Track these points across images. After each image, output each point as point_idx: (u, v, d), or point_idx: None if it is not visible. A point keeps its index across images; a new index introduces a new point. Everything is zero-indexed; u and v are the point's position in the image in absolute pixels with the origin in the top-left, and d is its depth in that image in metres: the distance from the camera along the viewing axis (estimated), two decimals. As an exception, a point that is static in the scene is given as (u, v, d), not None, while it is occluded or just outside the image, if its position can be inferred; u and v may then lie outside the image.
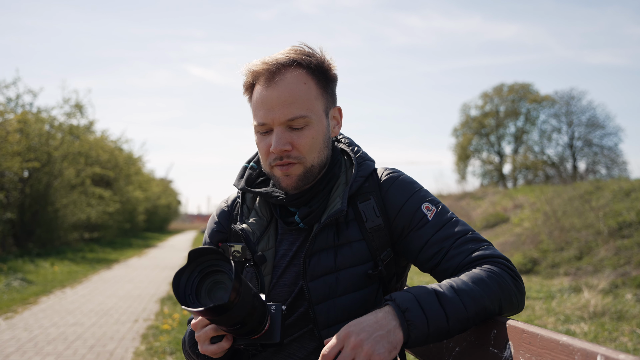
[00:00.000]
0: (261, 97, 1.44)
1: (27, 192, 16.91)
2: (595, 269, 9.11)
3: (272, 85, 1.43)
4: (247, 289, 1.19)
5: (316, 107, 1.46)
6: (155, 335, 6.23)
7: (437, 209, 1.47)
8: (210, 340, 1.33)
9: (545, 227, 11.89)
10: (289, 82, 1.42)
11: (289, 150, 1.43)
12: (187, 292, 1.18)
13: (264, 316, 1.28)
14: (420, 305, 1.24)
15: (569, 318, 6.35)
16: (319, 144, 1.46)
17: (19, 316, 7.50)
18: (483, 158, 42.77)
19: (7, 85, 16.56)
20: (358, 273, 1.45)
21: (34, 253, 15.70)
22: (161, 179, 49.71)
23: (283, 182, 1.47)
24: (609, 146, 37.91)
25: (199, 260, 1.19)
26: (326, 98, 1.49)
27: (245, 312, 1.20)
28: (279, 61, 1.43)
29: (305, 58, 1.45)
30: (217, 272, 1.19)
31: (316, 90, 1.46)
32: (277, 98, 1.41)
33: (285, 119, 1.42)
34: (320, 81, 1.47)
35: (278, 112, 1.41)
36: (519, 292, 1.35)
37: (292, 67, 1.43)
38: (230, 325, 1.22)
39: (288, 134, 1.43)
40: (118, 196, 25.76)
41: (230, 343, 1.32)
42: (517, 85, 41.06)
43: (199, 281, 1.19)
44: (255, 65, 1.46)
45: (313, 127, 1.45)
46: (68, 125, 18.90)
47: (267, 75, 1.43)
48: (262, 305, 1.27)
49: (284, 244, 1.52)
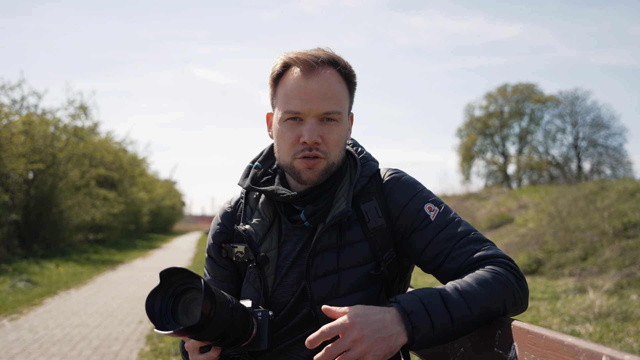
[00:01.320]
0: (299, 86, 1.45)
1: (32, 193, 16.97)
2: (600, 269, 9.08)
3: (312, 77, 1.44)
4: (223, 303, 1.18)
5: (346, 107, 1.50)
6: (160, 336, 6.23)
7: (440, 209, 1.47)
8: (200, 350, 1.34)
9: (550, 227, 11.86)
10: (328, 78, 1.45)
11: (319, 143, 1.44)
12: (162, 312, 1.17)
13: (248, 324, 1.28)
14: (426, 307, 1.24)
15: (574, 319, 6.33)
16: (342, 143, 1.49)
17: (24, 317, 7.52)
18: (487, 158, 42.71)
19: (12, 87, 16.64)
20: (360, 273, 1.45)
21: (38, 254, 15.75)
22: (165, 180, 49.81)
23: (304, 175, 1.46)
24: (614, 146, 37.83)
25: (171, 280, 1.18)
26: (350, 101, 1.54)
27: (223, 326, 1.19)
28: (321, 56, 1.46)
29: (341, 60, 1.49)
30: (191, 289, 1.18)
31: (346, 92, 1.50)
32: (317, 90, 1.43)
33: (323, 112, 1.44)
34: (349, 84, 1.52)
35: (317, 103, 1.43)
36: (523, 291, 1.35)
37: (330, 65, 1.47)
38: (212, 340, 1.22)
39: (320, 127, 1.45)
40: (122, 197, 25.82)
41: (219, 352, 1.33)
42: (521, 85, 40.98)
43: (174, 300, 1.19)
44: (296, 53, 1.47)
45: (341, 125, 1.47)
46: (73, 126, 18.98)
47: (309, 66, 1.45)
48: (245, 315, 1.27)
49: (287, 245, 1.51)
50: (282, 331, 1.49)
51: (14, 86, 16.68)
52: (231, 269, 1.58)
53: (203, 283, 1.13)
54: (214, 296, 1.15)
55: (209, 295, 1.13)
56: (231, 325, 1.21)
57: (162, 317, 1.17)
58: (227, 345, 1.27)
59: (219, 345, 1.27)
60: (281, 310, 1.49)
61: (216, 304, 1.15)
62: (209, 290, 1.14)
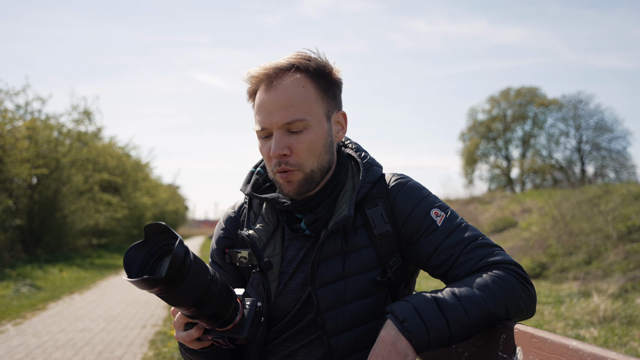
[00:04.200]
0: (260, 101, 1.45)
1: (36, 198, 17.01)
2: (604, 273, 9.05)
3: (270, 90, 1.43)
4: (200, 269, 1.15)
5: (315, 110, 1.44)
6: (163, 341, 6.23)
7: (446, 214, 1.46)
8: (185, 327, 1.32)
9: (554, 231, 11.83)
10: (286, 86, 1.42)
11: (287, 155, 1.42)
12: (141, 268, 1.15)
13: (229, 304, 1.24)
14: (419, 313, 1.25)
15: (579, 323, 6.31)
16: (318, 148, 1.45)
17: (28, 322, 7.53)
18: (490, 162, 42.63)
19: (16, 93, 16.69)
20: (366, 280, 1.44)
21: (42, 259, 15.77)
22: (169, 185, 49.84)
23: (285, 188, 1.46)
24: (617, 150, 37.71)
25: (155, 239, 1.17)
26: (327, 102, 1.48)
27: (196, 293, 1.16)
28: (278, 66, 1.44)
29: (305, 62, 1.45)
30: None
31: (315, 94, 1.45)
32: (275, 102, 1.42)
33: (283, 122, 1.41)
34: (321, 85, 1.46)
35: (276, 115, 1.42)
36: (528, 297, 1.34)
37: (290, 71, 1.44)
38: (185, 306, 1.18)
39: (286, 138, 1.42)
40: (126, 202, 25.85)
41: (200, 333, 1.29)
42: (524, 89, 40.93)
43: (156, 259, 1.17)
44: (255, 70, 1.47)
45: (312, 130, 1.44)
46: (76, 131, 19.02)
47: (267, 80, 1.44)
48: (228, 294, 1.23)
49: (290, 250, 1.51)
50: (285, 336, 1.48)
51: (18, 91, 16.72)
52: (235, 273, 1.58)
53: (178, 241, 1.11)
54: (187, 256, 1.12)
55: (181, 252, 1.10)
56: (207, 296, 1.18)
57: (140, 272, 1.15)
58: (205, 321, 1.24)
59: (194, 317, 1.23)
60: (285, 316, 1.48)
61: (190, 264, 1.12)
62: (183, 247, 1.11)
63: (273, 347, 1.50)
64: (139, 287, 1.12)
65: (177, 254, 1.09)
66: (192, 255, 1.14)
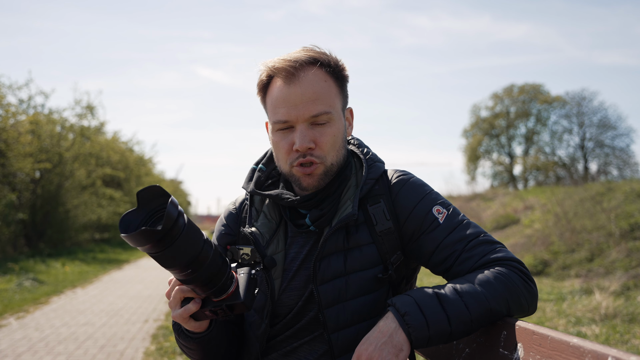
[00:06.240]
0: (283, 94, 1.44)
1: (39, 192, 17.04)
2: (606, 270, 9.04)
3: (294, 83, 1.43)
4: (194, 232, 1.15)
5: (336, 104, 1.47)
6: (166, 335, 6.25)
7: (448, 211, 1.46)
8: (181, 304, 1.30)
9: (556, 228, 11.82)
10: (311, 80, 1.43)
11: (312, 148, 1.43)
12: (137, 225, 1.14)
13: (224, 272, 1.24)
14: (420, 308, 1.26)
15: (580, 320, 6.31)
16: (338, 142, 1.47)
17: (31, 316, 7.56)
18: (493, 159, 42.56)
19: (19, 87, 16.69)
20: (368, 277, 1.44)
21: (45, 253, 15.81)
22: (171, 180, 49.83)
23: (304, 181, 1.46)
24: (621, 147, 37.60)
25: (151, 205, 1.16)
26: (342, 97, 1.51)
27: (190, 254, 1.15)
28: (300, 59, 1.44)
29: (325, 57, 1.47)
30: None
31: (335, 89, 1.47)
32: (301, 95, 1.42)
33: (310, 115, 1.42)
34: (338, 80, 1.49)
35: (302, 109, 1.42)
36: (530, 294, 1.34)
37: (313, 65, 1.44)
38: (179, 269, 1.17)
39: (311, 132, 1.43)
40: (129, 197, 25.89)
41: (198, 306, 1.27)
42: (527, 85, 40.83)
43: (153, 222, 1.16)
44: (275, 62, 1.45)
45: (334, 124, 1.45)
46: (79, 126, 19.03)
47: (288, 72, 1.43)
48: (222, 261, 1.23)
49: (293, 247, 1.51)
50: (288, 333, 1.48)
51: (21, 86, 16.74)
52: (237, 270, 1.58)
53: (171, 199, 1.10)
54: (181, 215, 1.12)
55: (175, 206, 1.10)
56: (202, 256, 1.17)
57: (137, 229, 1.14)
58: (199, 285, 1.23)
59: (190, 282, 1.22)
60: (288, 313, 1.48)
61: (184, 224, 1.12)
62: (176, 204, 1.11)
63: (275, 343, 1.50)
64: (135, 243, 1.09)
65: (172, 203, 1.10)
66: (187, 217, 1.15)
